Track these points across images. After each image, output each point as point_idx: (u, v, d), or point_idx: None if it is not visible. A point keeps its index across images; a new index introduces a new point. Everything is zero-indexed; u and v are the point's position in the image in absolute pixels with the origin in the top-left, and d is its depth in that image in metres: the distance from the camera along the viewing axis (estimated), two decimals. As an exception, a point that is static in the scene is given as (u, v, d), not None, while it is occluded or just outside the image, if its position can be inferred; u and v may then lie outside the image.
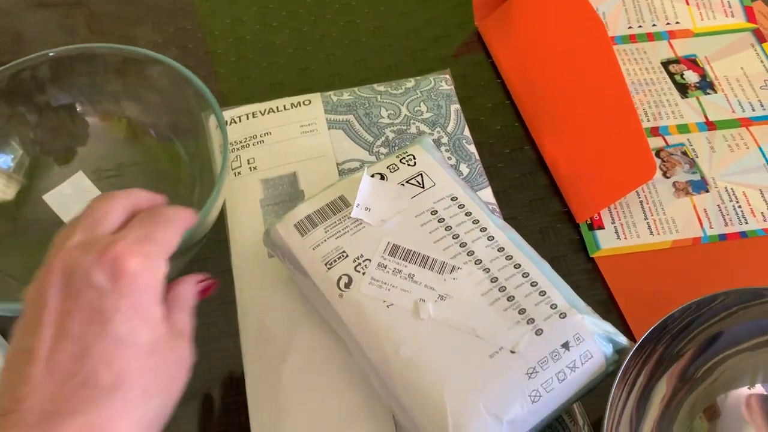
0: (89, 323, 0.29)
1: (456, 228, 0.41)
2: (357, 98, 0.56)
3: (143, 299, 0.31)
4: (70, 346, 0.29)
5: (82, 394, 0.28)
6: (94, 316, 0.30)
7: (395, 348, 0.36)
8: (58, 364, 0.29)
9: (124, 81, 0.52)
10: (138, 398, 0.30)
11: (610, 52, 0.55)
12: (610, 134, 0.55)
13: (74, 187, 0.55)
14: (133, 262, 0.30)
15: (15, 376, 0.29)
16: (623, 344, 0.38)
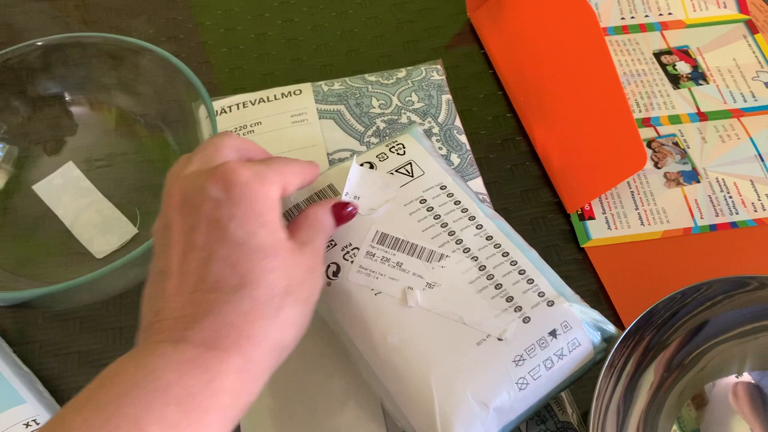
0: (210, 232, 0.31)
1: (445, 216, 0.41)
2: (348, 88, 0.56)
3: (256, 205, 0.32)
4: (196, 256, 0.31)
5: (212, 297, 0.30)
6: (213, 226, 0.31)
7: (383, 336, 0.36)
8: (187, 275, 0.31)
9: (114, 71, 0.52)
10: (265, 296, 0.30)
11: (601, 43, 0.55)
12: (602, 125, 0.55)
13: (64, 177, 0.55)
14: (244, 174, 0.32)
15: (154, 295, 0.32)
16: (611, 332, 0.38)
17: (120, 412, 0.25)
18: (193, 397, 0.27)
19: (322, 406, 0.42)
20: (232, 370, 0.29)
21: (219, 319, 0.29)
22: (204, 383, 0.28)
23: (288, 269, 0.32)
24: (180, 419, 0.26)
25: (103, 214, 0.53)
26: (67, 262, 0.52)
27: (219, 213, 0.31)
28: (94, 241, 0.53)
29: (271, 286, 0.31)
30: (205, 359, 0.28)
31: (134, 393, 0.26)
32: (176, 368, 0.27)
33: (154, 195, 0.53)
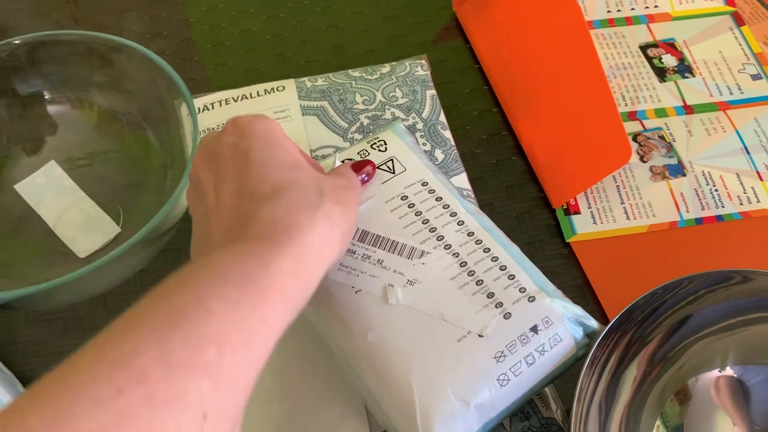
0: (235, 166, 0.34)
1: (426, 213, 0.40)
2: (331, 84, 0.56)
3: (270, 135, 0.35)
4: (228, 187, 0.33)
5: (252, 208, 0.31)
6: (236, 159, 0.34)
7: (363, 334, 0.36)
8: (225, 204, 0.33)
9: (94, 69, 0.52)
10: (301, 196, 0.32)
11: (586, 37, 0.55)
12: (587, 119, 0.55)
13: (47, 176, 0.54)
14: (247, 117, 0.36)
15: (199, 236, 0.35)
16: (593, 327, 0.38)
17: (181, 294, 0.26)
18: (252, 277, 0.27)
19: (307, 404, 0.42)
20: (288, 254, 0.29)
21: (263, 218, 0.31)
22: (262, 266, 0.28)
23: (316, 179, 0.34)
24: (240, 296, 0.26)
25: (86, 214, 0.53)
26: (49, 262, 0.51)
27: (238, 149, 0.34)
28: (77, 240, 0.52)
29: (303, 188, 0.33)
30: (259, 249, 0.29)
31: (192, 280, 0.27)
32: (233, 259, 0.28)
33: (137, 193, 0.53)
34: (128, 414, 0.22)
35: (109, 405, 0.22)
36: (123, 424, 0.22)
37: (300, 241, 0.30)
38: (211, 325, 0.25)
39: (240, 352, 0.26)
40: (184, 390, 0.23)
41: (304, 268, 0.30)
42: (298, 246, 0.30)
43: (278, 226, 0.30)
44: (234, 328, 0.26)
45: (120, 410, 0.22)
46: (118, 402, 0.22)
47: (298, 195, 0.32)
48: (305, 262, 0.30)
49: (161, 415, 0.23)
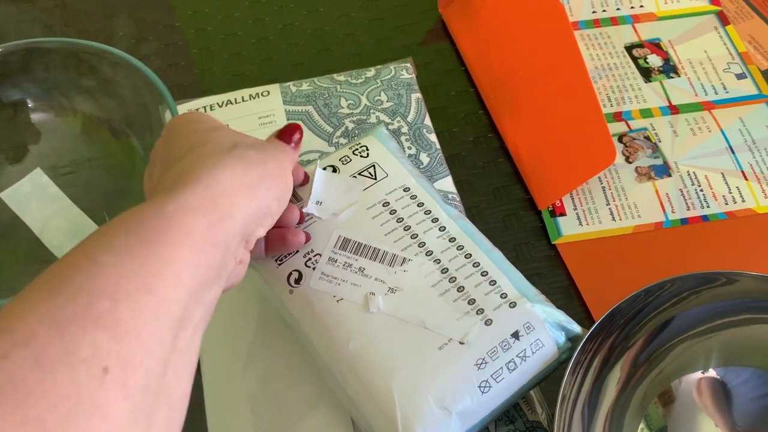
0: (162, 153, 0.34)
1: (408, 219, 0.40)
2: (316, 88, 0.55)
3: (192, 115, 0.35)
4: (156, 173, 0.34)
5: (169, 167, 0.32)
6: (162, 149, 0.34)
7: (345, 343, 0.36)
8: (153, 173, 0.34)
9: (76, 75, 0.52)
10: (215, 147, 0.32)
11: (571, 40, 0.55)
12: (571, 120, 0.55)
13: (32, 184, 0.54)
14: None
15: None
16: (576, 332, 0.38)
17: (71, 255, 0.25)
18: (146, 223, 0.26)
19: (292, 411, 0.42)
20: (190, 192, 0.28)
21: (173, 173, 0.30)
22: (156, 210, 0.27)
23: (233, 135, 0.34)
24: (132, 243, 0.25)
25: (73, 221, 0.53)
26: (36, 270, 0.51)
27: (163, 139, 0.35)
28: (63, 247, 0.52)
29: (216, 142, 0.32)
30: (161, 198, 0.28)
31: (87, 239, 0.26)
32: (129, 213, 0.27)
33: (123, 200, 0.53)
34: (15, 378, 0.21)
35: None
36: (10, 388, 0.21)
37: (204, 178, 0.29)
38: (102, 276, 0.24)
39: (140, 300, 0.24)
40: (76, 346, 0.22)
41: (215, 204, 0.29)
42: (201, 183, 0.29)
43: (183, 173, 0.30)
44: (127, 275, 0.24)
45: (6, 375, 0.21)
46: (2, 367, 0.21)
47: (210, 147, 0.32)
48: (214, 198, 0.29)
49: (50, 375, 0.21)
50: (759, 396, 0.42)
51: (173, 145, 0.33)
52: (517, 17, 0.60)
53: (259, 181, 0.32)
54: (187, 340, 0.27)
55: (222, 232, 0.29)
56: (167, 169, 0.32)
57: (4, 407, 0.20)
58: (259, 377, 0.43)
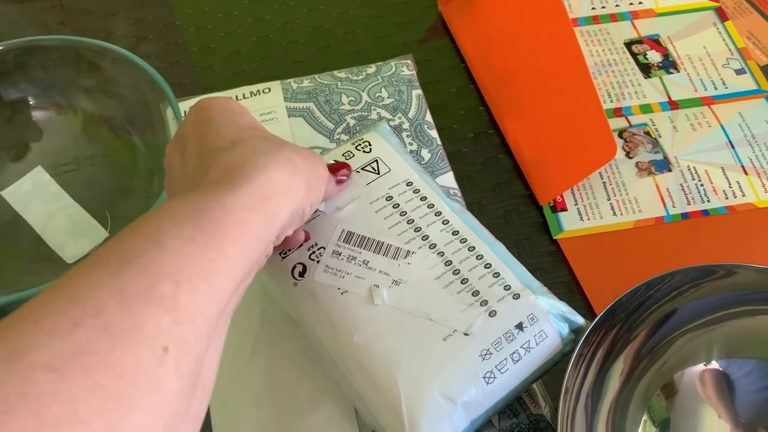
0: (196, 135, 0.34)
1: (411, 213, 0.40)
2: (317, 85, 0.56)
3: (229, 105, 0.35)
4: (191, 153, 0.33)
5: (211, 158, 0.32)
6: (198, 130, 0.34)
7: (350, 335, 0.36)
8: (188, 168, 0.33)
9: (78, 73, 0.52)
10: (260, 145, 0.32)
11: (571, 35, 0.55)
12: (572, 116, 0.55)
13: (33, 182, 0.54)
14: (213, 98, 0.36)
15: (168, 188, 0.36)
16: (579, 323, 0.38)
17: (135, 230, 0.26)
18: (206, 213, 0.27)
19: (296, 406, 0.42)
20: (246, 190, 0.29)
21: (221, 164, 0.31)
22: (216, 202, 0.28)
23: (276, 139, 0.34)
24: (194, 232, 0.26)
25: (74, 219, 0.53)
26: (37, 267, 0.51)
27: (198, 121, 0.34)
28: (65, 246, 0.52)
29: (264, 138, 0.33)
30: (216, 190, 0.29)
31: (145, 223, 0.26)
32: (187, 201, 0.28)
33: (124, 198, 0.53)
34: (85, 346, 0.22)
35: (64, 337, 0.22)
36: (80, 355, 0.22)
37: (258, 177, 0.30)
38: (166, 260, 0.25)
39: (199, 286, 0.25)
40: (142, 322, 0.23)
41: (265, 204, 0.30)
42: (256, 182, 0.30)
43: (235, 167, 0.30)
44: (190, 262, 0.25)
45: (76, 343, 0.22)
46: (74, 334, 0.22)
47: (257, 143, 0.32)
48: (265, 198, 0.30)
49: (119, 347, 0.22)
50: (762, 388, 0.42)
51: (215, 131, 0.34)
52: (517, 14, 0.60)
53: (302, 187, 0.33)
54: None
55: (268, 232, 0.30)
56: (210, 155, 0.32)
57: (77, 372, 0.21)
58: (262, 372, 0.43)
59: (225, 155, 0.31)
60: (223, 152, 0.32)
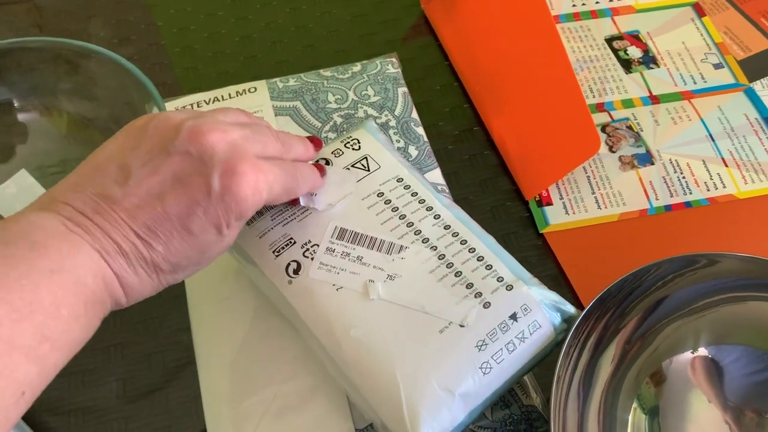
0: (180, 206, 0.32)
1: (402, 208, 0.41)
2: (303, 84, 0.56)
3: (229, 216, 0.33)
4: (156, 212, 0.32)
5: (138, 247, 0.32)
6: (188, 204, 0.32)
7: (346, 330, 0.37)
8: (136, 217, 0.31)
9: (63, 75, 0.51)
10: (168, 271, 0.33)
11: (553, 32, 0.56)
12: (555, 111, 0.56)
13: (18, 185, 0.53)
14: (246, 190, 0.32)
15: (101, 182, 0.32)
16: (571, 312, 0.39)
17: (48, 289, 0.28)
18: (95, 303, 0.30)
19: (289, 404, 0.42)
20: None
21: (132, 265, 0.32)
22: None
23: (201, 257, 0.34)
24: (82, 314, 0.29)
25: (60, 222, 0.52)
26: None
27: (200, 198, 0.32)
28: (51, 249, 0.51)
29: (178, 266, 0.33)
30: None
31: (63, 276, 0.29)
32: (93, 275, 0.30)
33: (111, 200, 0.53)
34: None
35: None
36: None
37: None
38: (57, 328, 0.28)
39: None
40: (17, 370, 0.26)
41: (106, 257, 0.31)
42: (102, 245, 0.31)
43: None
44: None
45: None
46: None
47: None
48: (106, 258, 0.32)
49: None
50: (750, 372, 0.43)
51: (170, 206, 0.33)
52: (499, 11, 0.60)
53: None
54: None
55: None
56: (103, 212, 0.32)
57: None
58: (255, 370, 0.43)
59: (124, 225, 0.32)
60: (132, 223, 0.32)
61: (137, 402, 0.47)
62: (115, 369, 0.48)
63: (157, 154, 0.32)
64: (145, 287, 0.33)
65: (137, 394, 0.47)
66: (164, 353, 0.49)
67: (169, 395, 0.47)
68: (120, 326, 0.49)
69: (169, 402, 0.47)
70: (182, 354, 0.48)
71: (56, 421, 0.46)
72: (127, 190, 0.32)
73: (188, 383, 0.47)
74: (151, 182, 0.32)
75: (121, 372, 0.48)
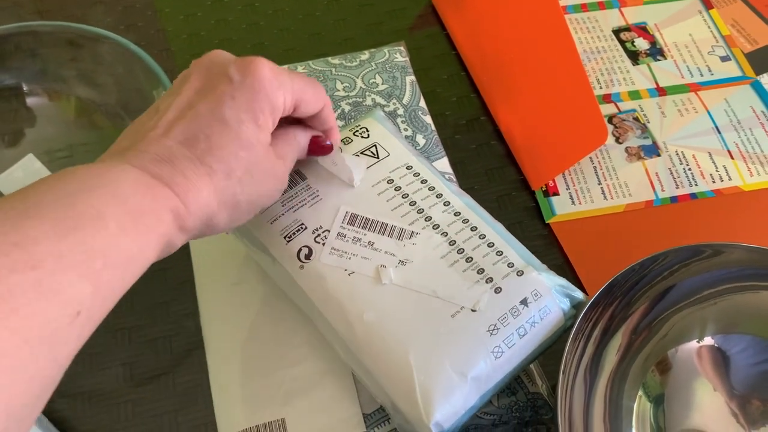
0: (208, 101, 0.34)
1: (413, 195, 0.41)
2: (311, 72, 0.56)
3: (258, 101, 0.34)
4: (187, 114, 0.33)
5: (179, 150, 0.32)
6: (214, 97, 0.34)
7: (359, 314, 0.37)
8: (172, 127, 0.33)
9: (72, 60, 0.51)
10: (221, 173, 0.33)
11: (561, 22, 0.56)
12: (563, 102, 0.56)
13: (25, 170, 0.53)
14: (265, 70, 0.34)
15: (139, 127, 0.34)
16: (579, 299, 0.39)
17: (86, 203, 0.28)
18: (143, 214, 0.30)
19: (296, 388, 0.42)
20: (173, 209, 0.31)
21: (178, 167, 0.32)
22: (152, 208, 0.31)
23: (254, 164, 0.34)
24: (131, 227, 0.29)
25: (67, 206, 0.52)
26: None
27: (224, 88, 0.34)
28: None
29: (230, 169, 0.33)
30: (158, 191, 0.31)
31: (99, 191, 0.29)
32: (134, 186, 0.30)
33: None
34: (17, 290, 0.24)
35: (2, 276, 0.24)
36: (11, 296, 0.24)
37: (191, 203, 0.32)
38: (104, 241, 0.28)
39: (119, 270, 0.28)
40: (69, 287, 0.26)
41: (184, 222, 0.32)
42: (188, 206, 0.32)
43: (182, 182, 0.32)
44: (120, 249, 0.28)
45: (11, 284, 0.24)
46: (11, 277, 0.24)
47: (219, 169, 0.33)
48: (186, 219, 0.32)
49: (44, 300, 0.25)
50: (757, 362, 0.43)
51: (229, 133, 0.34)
52: (507, 2, 0.60)
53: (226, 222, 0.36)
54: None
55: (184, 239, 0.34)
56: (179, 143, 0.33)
57: (2, 308, 0.24)
58: (263, 355, 0.43)
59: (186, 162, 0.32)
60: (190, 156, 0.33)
61: (144, 386, 0.47)
62: (121, 353, 0.48)
63: (177, 85, 0.35)
64: (201, 191, 0.32)
65: (144, 379, 0.47)
66: (170, 338, 0.49)
67: (175, 379, 0.48)
68: (127, 311, 0.49)
69: (175, 386, 0.47)
70: (188, 339, 0.48)
71: (63, 404, 0.46)
72: (159, 116, 0.34)
73: (195, 368, 0.47)
74: (178, 101, 0.34)
75: (127, 356, 0.48)
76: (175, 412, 0.46)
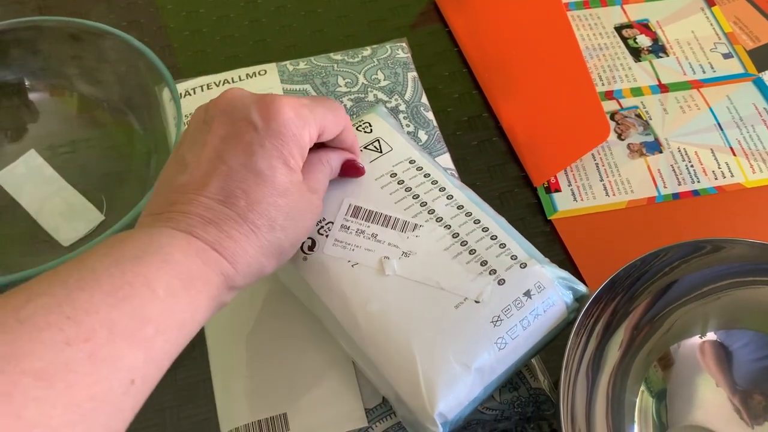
0: (238, 153, 0.34)
1: (416, 189, 0.41)
2: (313, 67, 0.56)
3: (287, 145, 0.34)
4: (221, 168, 0.33)
5: (222, 211, 0.33)
6: (243, 147, 0.34)
7: (362, 305, 0.37)
8: (208, 183, 0.33)
9: (74, 56, 0.51)
10: (264, 227, 0.33)
11: (564, 19, 0.56)
12: (565, 99, 0.56)
13: (27, 165, 0.53)
14: (287, 111, 0.34)
15: (170, 182, 0.34)
16: (582, 292, 0.39)
17: (134, 271, 0.28)
18: (193, 279, 0.30)
19: (298, 381, 0.42)
20: (222, 271, 0.32)
21: (223, 229, 0.32)
22: (202, 272, 0.31)
23: (292, 207, 0.34)
24: (181, 292, 0.30)
25: (69, 202, 0.53)
26: (32, 250, 0.51)
27: (251, 137, 0.34)
28: (60, 228, 0.52)
29: (272, 220, 0.33)
30: (206, 255, 0.32)
31: (147, 259, 0.29)
32: (183, 252, 0.31)
33: (120, 181, 0.53)
34: (72, 364, 0.25)
35: (57, 352, 0.25)
36: (66, 371, 0.25)
37: (238, 263, 0.33)
38: (155, 308, 0.28)
39: (171, 335, 0.29)
40: (121, 356, 0.26)
41: (231, 282, 0.33)
42: (235, 267, 0.33)
43: (229, 245, 0.32)
44: (171, 314, 0.29)
45: (66, 359, 0.25)
46: (65, 351, 0.25)
47: (262, 224, 0.33)
48: (234, 278, 0.33)
49: (98, 372, 0.25)
50: (759, 357, 0.43)
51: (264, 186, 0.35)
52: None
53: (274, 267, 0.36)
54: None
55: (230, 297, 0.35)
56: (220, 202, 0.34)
57: (60, 386, 0.24)
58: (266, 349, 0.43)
59: (230, 222, 0.33)
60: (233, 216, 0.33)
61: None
62: (124, 348, 0.48)
63: (200, 133, 0.35)
64: (247, 251, 0.33)
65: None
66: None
67: (177, 375, 0.47)
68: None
69: (177, 381, 0.47)
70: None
71: (65, 399, 0.46)
72: (189, 172, 0.34)
73: (196, 364, 0.47)
74: (206, 153, 0.34)
75: (130, 351, 0.48)
76: (177, 407, 0.46)
